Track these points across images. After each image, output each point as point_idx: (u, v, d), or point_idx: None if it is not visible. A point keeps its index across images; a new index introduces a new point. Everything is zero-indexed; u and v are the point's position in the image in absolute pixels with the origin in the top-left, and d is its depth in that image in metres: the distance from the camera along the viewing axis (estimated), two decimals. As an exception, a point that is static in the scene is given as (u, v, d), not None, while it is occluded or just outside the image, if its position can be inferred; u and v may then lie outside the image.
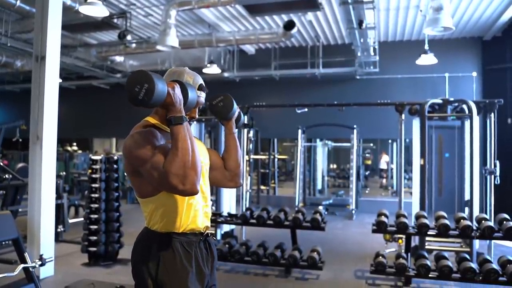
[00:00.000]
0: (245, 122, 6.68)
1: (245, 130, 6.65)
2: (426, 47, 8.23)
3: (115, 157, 5.52)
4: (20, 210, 6.67)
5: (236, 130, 2.07)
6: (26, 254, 3.74)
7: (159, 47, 8.01)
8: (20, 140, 9.84)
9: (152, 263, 1.66)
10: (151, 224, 1.72)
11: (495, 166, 5.54)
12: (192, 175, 1.52)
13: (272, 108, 10.70)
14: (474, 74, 9.78)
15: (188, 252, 1.70)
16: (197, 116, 1.85)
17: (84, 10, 6.31)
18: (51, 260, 4.26)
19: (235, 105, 1.99)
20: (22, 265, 3.67)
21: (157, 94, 1.49)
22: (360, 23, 7.05)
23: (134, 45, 9.50)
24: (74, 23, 8.26)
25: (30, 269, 3.72)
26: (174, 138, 1.53)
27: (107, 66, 11.14)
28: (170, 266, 1.66)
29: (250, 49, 11.32)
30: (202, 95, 1.82)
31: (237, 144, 2.03)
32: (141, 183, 1.67)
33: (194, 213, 1.73)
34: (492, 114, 5.64)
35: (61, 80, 10.80)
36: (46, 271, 4.63)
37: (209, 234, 1.81)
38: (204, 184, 1.82)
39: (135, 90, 1.48)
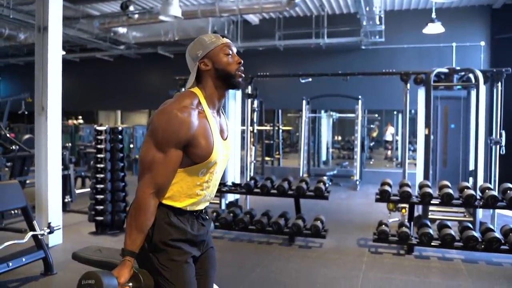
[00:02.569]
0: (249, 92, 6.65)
1: (249, 100, 6.63)
2: (433, 15, 8.09)
3: (120, 128, 5.54)
4: (28, 181, 6.76)
5: None
6: (34, 222, 3.83)
7: (162, 18, 7.93)
8: (26, 113, 9.87)
9: (150, 228, 1.68)
10: None
11: (500, 136, 5.51)
12: (132, 206, 1.69)
13: (276, 78, 10.62)
14: (482, 43, 9.63)
15: (181, 221, 1.72)
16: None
17: (85, -21, 6.22)
18: (59, 228, 4.36)
19: None
20: (31, 233, 3.76)
21: None
22: (366, -10, 6.90)
23: (136, 16, 9.38)
24: (76, -6, 8.17)
25: (39, 236, 3.81)
26: (127, 238, 1.66)
27: (110, 38, 11.05)
28: (165, 230, 1.68)
29: (254, 19, 11.16)
30: (229, 41, 1.80)
31: None
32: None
33: (197, 201, 1.75)
34: (499, 84, 5.57)
35: (64, 52, 10.75)
36: (55, 239, 4.73)
37: (203, 211, 1.83)
38: (219, 177, 1.83)
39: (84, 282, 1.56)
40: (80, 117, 17.65)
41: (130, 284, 1.62)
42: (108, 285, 1.53)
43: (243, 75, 1.78)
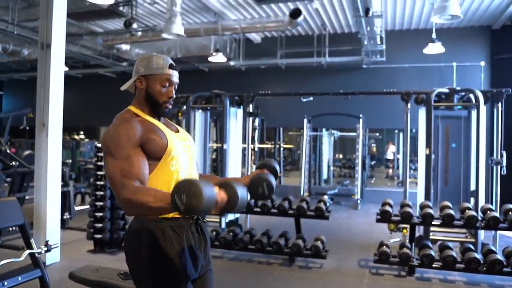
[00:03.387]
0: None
1: (250, 118, 6.64)
2: (434, 35, 8.15)
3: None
4: (27, 197, 6.73)
5: None
6: (32, 240, 3.78)
7: (164, 35, 7.96)
8: (27, 128, 9.89)
9: (144, 249, 1.67)
10: None
11: (501, 156, 5.49)
12: (133, 213, 1.61)
13: (277, 97, 10.67)
14: (482, 63, 9.67)
15: (179, 235, 1.69)
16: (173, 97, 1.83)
17: (90, -3, 6.30)
18: (57, 246, 4.30)
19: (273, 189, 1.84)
20: (28, 251, 3.71)
21: (194, 213, 1.40)
22: (366, 11, 6.96)
23: (140, 33, 9.47)
24: (80, 11, 8.25)
25: (36, 254, 3.76)
26: (157, 202, 1.45)
27: (113, 55, 11.14)
28: (162, 251, 1.66)
29: (256, 37, 11.25)
30: (175, 74, 1.83)
31: None
32: None
33: None
34: (500, 104, 5.58)
35: (67, 68, 10.85)
36: (52, 257, 4.69)
37: (200, 217, 1.80)
38: (192, 168, 1.83)
39: (179, 198, 1.35)
40: (81, 132, 17.69)
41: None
42: (209, 191, 1.34)
43: (169, 107, 1.84)
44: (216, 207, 1.39)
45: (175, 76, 1.82)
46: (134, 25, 8.72)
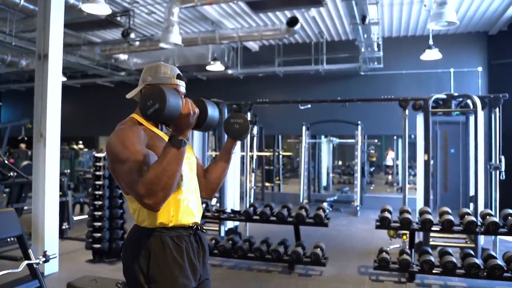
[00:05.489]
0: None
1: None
2: (431, 42, 8.18)
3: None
4: (25, 208, 6.71)
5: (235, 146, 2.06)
6: (30, 251, 3.77)
7: (162, 45, 8.03)
8: (26, 138, 9.90)
9: (143, 259, 1.65)
10: (139, 220, 1.70)
11: (500, 161, 5.49)
12: (161, 196, 1.52)
13: (276, 105, 10.68)
14: (480, 69, 9.70)
15: (178, 246, 1.69)
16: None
17: (87, 8, 6.34)
18: (55, 257, 4.28)
19: (249, 130, 2.01)
20: (26, 262, 3.69)
21: (165, 115, 1.51)
22: (363, 18, 7.01)
23: (137, 43, 9.51)
24: (77, 22, 8.30)
25: (34, 265, 3.74)
26: (165, 156, 1.51)
27: (111, 64, 11.17)
28: (161, 261, 1.65)
29: (253, 46, 11.30)
30: (182, 84, 1.83)
31: (229, 163, 2.03)
32: None
33: (183, 208, 1.72)
34: (497, 109, 5.59)
35: (65, 78, 10.88)
36: (51, 268, 4.66)
37: (199, 228, 1.79)
38: (192, 179, 1.82)
39: (147, 104, 1.53)
40: (80, 142, 17.68)
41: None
42: (172, 93, 1.54)
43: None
44: (185, 106, 1.54)
45: (182, 86, 1.81)
46: (132, 35, 8.77)
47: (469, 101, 5.66)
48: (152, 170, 1.50)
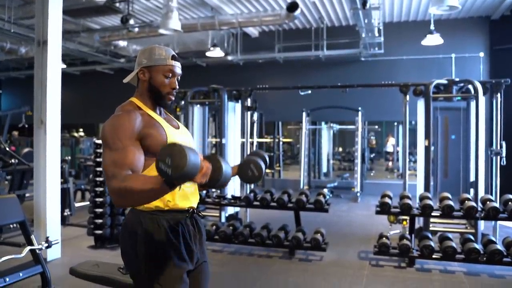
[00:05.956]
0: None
1: (249, 112, 6.63)
2: (432, 27, 8.13)
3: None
4: (27, 195, 6.74)
5: None
6: (32, 236, 3.80)
7: (161, 31, 7.96)
8: (26, 126, 9.88)
9: (139, 240, 1.67)
10: None
11: (501, 147, 5.49)
12: (129, 204, 1.63)
13: (276, 91, 10.65)
14: (482, 54, 9.64)
15: (174, 228, 1.70)
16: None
17: (86, -7, 6.28)
18: (57, 243, 4.31)
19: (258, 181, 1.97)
20: (29, 247, 3.73)
21: (182, 176, 1.34)
22: (363, 3, 6.94)
23: (137, 29, 9.44)
24: (76, 8, 8.21)
25: (37, 251, 3.77)
26: (152, 184, 1.41)
27: (110, 51, 11.12)
28: (157, 242, 1.66)
29: (253, 31, 11.22)
30: (178, 65, 1.82)
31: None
32: None
33: (179, 193, 1.73)
34: (499, 94, 5.57)
35: (65, 66, 10.83)
36: (53, 254, 4.69)
37: (195, 211, 1.80)
38: None
39: (164, 161, 1.35)
40: (81, 129, 17.68)
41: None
42: (194, 159, 1.33)
43: (173, 99, 1.84)
44: (201, 173, 1.38)
45: (177, 67, 1.81)
46: (131, 21, 8.70)
47: (470, 87, 5.63)
48: (134, 183, 1.45)
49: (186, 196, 1.76)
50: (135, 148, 1.63)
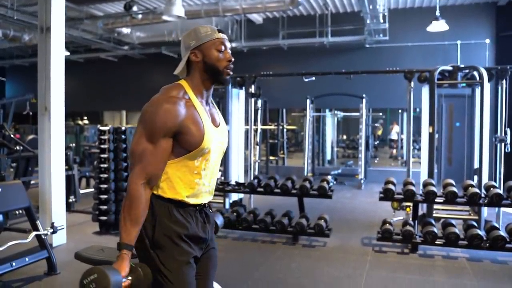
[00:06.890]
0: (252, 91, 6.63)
1: (253, 99, 6.62)
2: (438, 13, 8.04)
3: (123, 128, 5.56)
4: (32, 181, 6.78)
5: None
6: (38, 222, 3.84)
7: (165, 18, 7.94)
8: (31, 113, 9.92)
9: (149, 225, 1.68)
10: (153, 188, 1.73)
11: (505, 134, 5.47)
12: (125, 202, 1.67)
13: (280, 78, 10.61)
14: (487, 41, 9.56)
15: (183, 217, 1.71)
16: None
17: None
18: (62, 228, 4.37)
19: None
20: (35, 233, 3.78)
21: None
22: (369, -12, 6.87)
23: (140, 16, 9.40)
24: (79, -6, 8.20)
25: (42, 236, 3.83)
26: (121, 231, 1.64)
27: (114, 38, 11.09)
28: (166, 228, 1.68)
29: (257, 18, 11.15)
30: (225, 37, 1.78)
31: None
32: None
33: (196, 191, 1.75)
34: (504, 81, 5.53)
35: (68, 53, 10.80)
36: (59, 239, 4.74)
37: (207, 205, 1.82)
38: (217, 163, 1.83)
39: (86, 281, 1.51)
40: (85, 117, 17.72)
41: (130, 277, 1.58)
42: (115, 281, 1.48)
43: (231, 73, 1.80)
44: None
45: (226, 39, 1.78)
46: (135, 8, 8.68)
47: (475, 73, 5.59)
48: (126, 212, 1.63)
49: (202, 194, 1.78)
50: (164, 150, 1.65)
